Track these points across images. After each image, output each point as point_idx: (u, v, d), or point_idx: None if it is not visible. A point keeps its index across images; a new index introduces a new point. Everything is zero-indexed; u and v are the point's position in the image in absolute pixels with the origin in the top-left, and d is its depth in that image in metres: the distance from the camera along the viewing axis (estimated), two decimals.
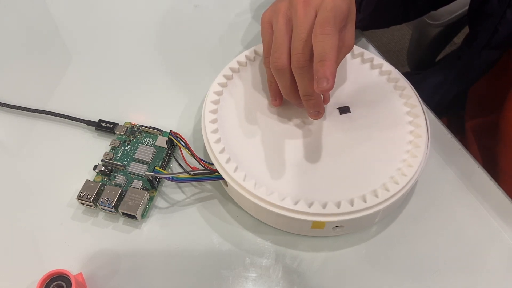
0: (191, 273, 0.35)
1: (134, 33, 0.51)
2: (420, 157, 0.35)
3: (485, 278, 0.35)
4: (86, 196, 0.35)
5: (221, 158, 0.35)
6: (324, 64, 0.31)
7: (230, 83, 0.40)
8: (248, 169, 0.35)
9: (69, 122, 0.42)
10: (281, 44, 0.34)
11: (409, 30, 1.28)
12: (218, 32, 0.51)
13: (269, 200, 0.33)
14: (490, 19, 0.45)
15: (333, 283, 0.34)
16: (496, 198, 0.39)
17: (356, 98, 0.40)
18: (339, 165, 0.36)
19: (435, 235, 0.37)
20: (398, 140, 0.37)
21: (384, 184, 0.34)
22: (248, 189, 0.33)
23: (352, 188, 0.34)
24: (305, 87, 0.34)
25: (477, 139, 0.51)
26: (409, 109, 0.39)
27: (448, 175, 0.40)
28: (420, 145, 0.36)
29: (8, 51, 0.49)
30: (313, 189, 0.34)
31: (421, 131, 0.37)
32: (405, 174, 0.34)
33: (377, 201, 0.33)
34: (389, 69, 0.41)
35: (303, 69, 0.33)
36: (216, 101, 0.39)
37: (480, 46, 0.48)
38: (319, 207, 0.33)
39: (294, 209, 0.33)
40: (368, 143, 0.37)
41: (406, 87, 0.40)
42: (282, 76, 0.35)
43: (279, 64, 0.34)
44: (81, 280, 0.33)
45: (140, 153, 0.39)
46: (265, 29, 0.37)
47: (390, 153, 0.36)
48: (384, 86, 0.41)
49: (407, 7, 0.51)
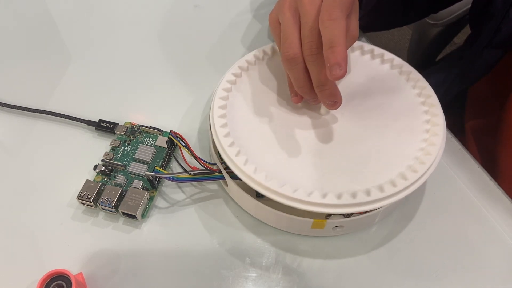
0: (191, 273, 0.35)
1: (134, 33, 0.51)
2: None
3: (485, 278, 0.35)
4: (86, 196, 0.35)
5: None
6: (334, 50, 0.30)
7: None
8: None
9: (69, 122, 0.42)
10: (290, 34, 0.33)
11: (409, 30, 1.28)
12: (218, 32, 0.51)
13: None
14: (493, 18, 0.45)
15: (333, 283, 0.34)
16: (496, 198, 0.39)
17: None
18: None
19: (435, 235, 0.37)
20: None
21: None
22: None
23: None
24: (318, 77, 0.33)
25: (477, 139, 0.51)
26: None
27: (448, 175, 0.40)
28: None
29: (8, 51, 0.49)
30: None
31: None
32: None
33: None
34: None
35: (316, 56, 0.32)
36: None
37: (481, 46, 0.48)
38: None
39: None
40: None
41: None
42: (294, 67, 0.34)
43: (290, 54, 0.33)
44: (81, 280, 0.33)
45: (140, 153, 0.39)
46: (274, 28, 0.36)
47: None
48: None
49: (407, 9, 0.51)
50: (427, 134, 0.36)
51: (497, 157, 0.47)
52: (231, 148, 0.34)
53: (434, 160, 0.34)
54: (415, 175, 0.33)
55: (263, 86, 0.40)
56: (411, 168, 0.33)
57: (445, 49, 0.87)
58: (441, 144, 0.35)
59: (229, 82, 0.39)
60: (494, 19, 0.45)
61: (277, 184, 0.32)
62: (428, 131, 0.36)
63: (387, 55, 0.41)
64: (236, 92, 0.39)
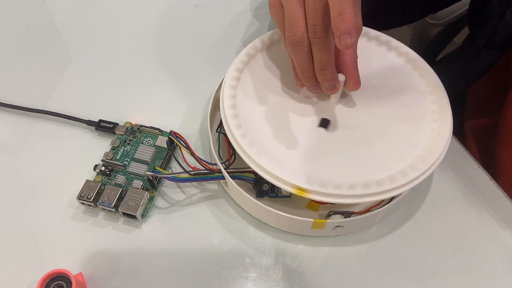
0: (191, 273, 0.35)
1: (134, 33, 0.51)
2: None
3: (485, 278, 0.35)
4: (86, 196, 0.35)
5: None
6: (344, 17, 0.29)
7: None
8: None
9: (69, 122, 0.42)
10: (297, 17, 0.33)
11: (409, 30, 1.28)
12: (218, 31, 0.51)
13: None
14: (490, 19, 0.45)
15: (333, 283, 0.34)
16: (496, 198, 0.39)
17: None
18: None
19: (435, 235, 0.37)
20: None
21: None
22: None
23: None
24: (321, 60, 0.33)
25: (476, 139, 0.51)
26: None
27: (448, 175, 0.40)
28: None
29: (8, 51, 0.49)
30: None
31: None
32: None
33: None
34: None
35: (321, 39, 0.32)
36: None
37: (480, 46, 0.48)
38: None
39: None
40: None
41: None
42: (300, 50, 0.33)
43: (297, 37, 0.33)
44: (81, 280, 0.33)
45: (140, 153, 0.39)
46: (276, 10, 0.36)
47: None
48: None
49: (406, 8, 0.51)
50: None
51: (497, 157, 0.47)
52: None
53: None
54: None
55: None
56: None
57: (445, 49, 0.87)
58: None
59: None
60: (491, 20, 0.45)
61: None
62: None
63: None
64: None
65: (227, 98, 0.36)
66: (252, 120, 0.36)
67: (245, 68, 0.39)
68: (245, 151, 0.33)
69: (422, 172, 0.33)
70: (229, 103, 0.36)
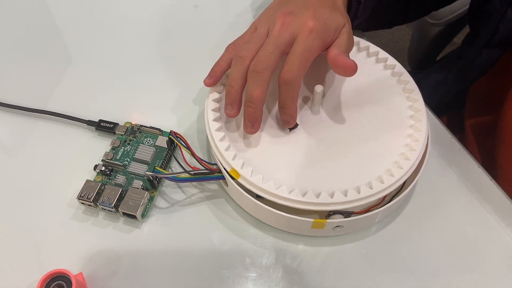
0: (191, 273, 0.35)
1: (134, 33, 0.51)
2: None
3: (485, 278, 0.35)
4: (86, 196, 0.35)
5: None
6: (285, 111, 0.35)
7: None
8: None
9: (69, 122, 0.42)
10: (255, 43, 0.35)
11: (409, 30, 1.28)
12: (218, 32, 0.51)
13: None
14: (491, 18, 0.45)
15: (333, 283, 0.34)
16: (496, 198, 0.39)
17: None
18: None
19: (435, 235, 0.37)
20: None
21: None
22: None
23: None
24: (250, 92, 0.34)
25: (476, 138, 0.51)
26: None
27: (448, 175, 0.40)
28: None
29: (8, 51, 0.49)
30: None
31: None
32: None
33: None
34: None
35: (256, 74, 0.34)
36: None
37: (480, 45, 0.48)
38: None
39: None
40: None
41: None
42: (239, 65, 0.35)
43: (244, 55, 0.35)
44: (81, 280, 0.33)
45: (140, 153, 0.39)
46: (250, 29, 0.39)
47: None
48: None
49: (408, 7, 0.51)
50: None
51: (497, 157, 0.47)
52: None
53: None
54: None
55: None
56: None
57: (445, 49, 0.87)
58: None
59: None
60: (492, 19, 0.45)
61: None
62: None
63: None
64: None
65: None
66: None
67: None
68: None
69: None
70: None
